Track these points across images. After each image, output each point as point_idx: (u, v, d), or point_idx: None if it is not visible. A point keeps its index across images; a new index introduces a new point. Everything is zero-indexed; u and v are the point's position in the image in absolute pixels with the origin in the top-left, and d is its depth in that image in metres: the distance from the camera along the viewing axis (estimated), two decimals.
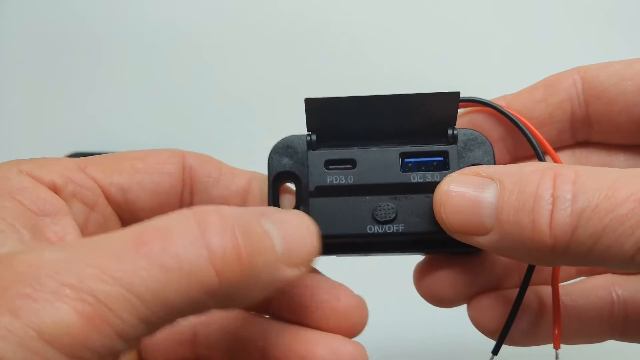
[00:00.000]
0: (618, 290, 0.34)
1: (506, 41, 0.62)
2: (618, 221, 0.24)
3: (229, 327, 0.32)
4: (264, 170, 0.33)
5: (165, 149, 0.33)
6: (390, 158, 0.31)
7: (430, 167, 0.31)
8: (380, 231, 0.30)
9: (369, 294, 0.32)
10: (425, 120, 0.31)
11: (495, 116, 0.34)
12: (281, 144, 0.32)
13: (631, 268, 0.25)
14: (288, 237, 0.26)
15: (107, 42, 0.64)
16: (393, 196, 0.31)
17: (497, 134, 0.34)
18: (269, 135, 0.33)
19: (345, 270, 0.34)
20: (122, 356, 0.22)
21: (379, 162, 0.31)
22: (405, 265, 0.35)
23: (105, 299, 0.20)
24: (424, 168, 0.31)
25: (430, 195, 0.30)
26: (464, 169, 0.29)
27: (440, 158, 0.31)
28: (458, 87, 0.31)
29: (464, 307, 0.34)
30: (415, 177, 0.31)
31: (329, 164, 0.31)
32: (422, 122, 0.31)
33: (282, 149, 0.32)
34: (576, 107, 0.33)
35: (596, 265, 0.26)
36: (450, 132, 0.31)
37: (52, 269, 0.20)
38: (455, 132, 0.31)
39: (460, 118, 0.34)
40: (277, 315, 0.31)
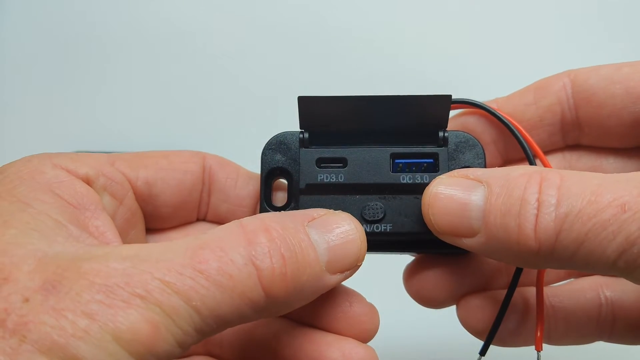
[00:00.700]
0: (606, 292, 0.34)
1: (498, 44, 0.62)
2: (600, 226, 0.24)
3: (242, 325, 0.31)
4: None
5: (186, 150, 0.34)
6: (381, 158, 0.31)
7: (420, 168, 0.31)
8: (368, 230, 0.30)
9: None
10: (416, 121, 0.31)
11: (487, 119, 0.34)
12: (275, 140, 0.32)
13: (614, 272, 0.25)
14: (333, 245, 0.27)
15: (111, 42, 0.64)
16: (382, 196, 0.31)
17: (489, 137, 0.34)
18: (269, 134, 0.33)
19: None
20: None
21: (370, 161, 0.31)
22: (394, 265, 0.35)
23: (169, 311, 0.22)
24: (414, 169, 0.31)
25: (419, 196, 0.30)
26: (452, 172, 0.29)
27: (431, 160, 0.31)
28: (451, 90, 0.31)
29: (452, 307, 0.34)
30: (405, 178, 0.31)
31: (320, 162, 0.32)
32: (413, 124, 0.31)
33: (276, 145, 0.32)
34: (566, 110, 0.33)
35: (581, 270, 0.26)
36: (441, 134, 0.31)
37: (121, 280, 0.22)
38: (446, 134, 0.31)
39: (452, 120, 0.35)
40: (290, 315, 0.31)
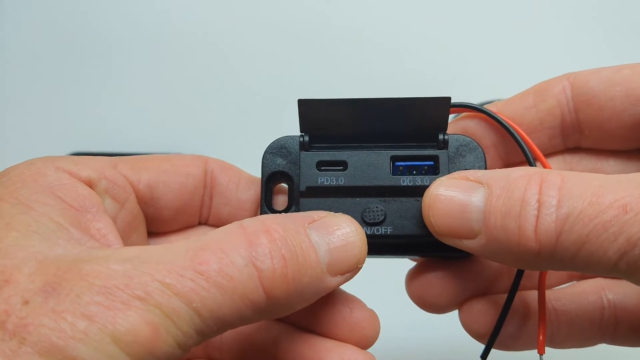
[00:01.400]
0: (608, 295, 0.34)
1: (498, 47, 0.62)
2: (602, 227, 0.24)
3: (242, 330, 0.32)
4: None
5: (188, 154, 0.34)
6: (381, 161, 0.31)
7: (420, 171, 0.31)
8: (368, 232, 0.30)
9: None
10: (416, 124, 0.31)
11: (487, 122, 0.34)
12: (275, 144, 0.33)
13: (615, 274, 0.25)
14: (334, 247, 0.27)
15: (112, 42, 0.65)
16: (382, 199, 0.31)
17: (489, 140, 0.34)
18: (271, 137, 0.34)
19: None
20: None
21: (370, 164, 0.31)
22: (396, 269, 0.35)
23: (169, 312, 0.22)
24: (415, 172, 0.31)
25: (419, 198, 0.30)
26: (452, 173, 0.29)
27: (431, 162, 0.31)
28: (452, 92, 0.31)
29: (453, 312, 0.34)
30: (405, 181, 0.31)
31: (320, 165, 0.32)
32: (413, 126, 0.31)
33: (276, 149, 0.32)
34: (566, 113, 0.33)
35: (582, 271, 0.26)
36: (441, 137, 0.31)
37: (121, 281, 0.22)
38: (446, 137, 0.31)
39: (452, 124, 0.35)
40: (290, 320, 0.31)
